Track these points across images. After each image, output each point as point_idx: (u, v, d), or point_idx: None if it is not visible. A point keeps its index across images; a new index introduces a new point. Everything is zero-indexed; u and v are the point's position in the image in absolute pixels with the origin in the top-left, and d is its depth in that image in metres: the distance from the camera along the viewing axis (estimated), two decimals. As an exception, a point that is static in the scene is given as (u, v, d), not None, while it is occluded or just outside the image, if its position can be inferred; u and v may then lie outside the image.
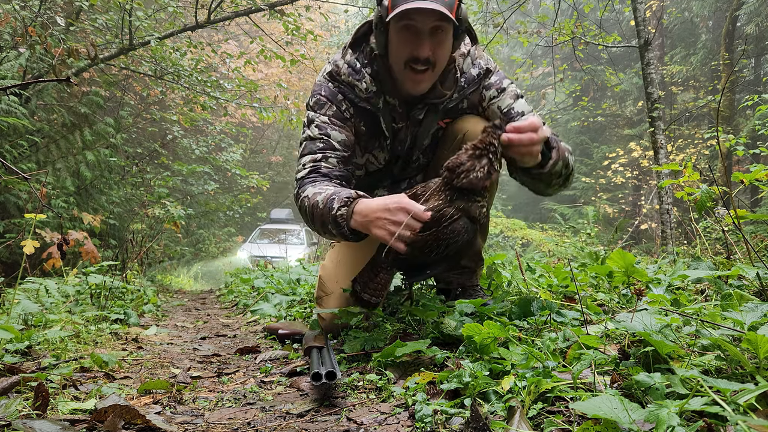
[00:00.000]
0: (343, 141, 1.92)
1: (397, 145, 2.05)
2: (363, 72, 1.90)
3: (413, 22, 1.70)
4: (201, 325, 3.20)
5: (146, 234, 7.42)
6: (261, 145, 20.88)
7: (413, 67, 1.77)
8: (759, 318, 1.15)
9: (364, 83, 1.90)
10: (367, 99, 1.93)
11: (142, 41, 6.92)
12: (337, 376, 1.29)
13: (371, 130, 2.00)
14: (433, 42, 1.74)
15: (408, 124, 2.00)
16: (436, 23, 1.70)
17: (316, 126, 1.93)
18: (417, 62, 1.76)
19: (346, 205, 1.65)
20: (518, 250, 9.28)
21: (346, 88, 1.93)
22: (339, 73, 1.93)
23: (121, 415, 1.12)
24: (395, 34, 1.77)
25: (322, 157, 1.89)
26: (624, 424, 0.82)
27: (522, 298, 1.74)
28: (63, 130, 6.99)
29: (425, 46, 1.73)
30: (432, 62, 1.77)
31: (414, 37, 1.73)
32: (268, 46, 8.38)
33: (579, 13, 7.75)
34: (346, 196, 1.66)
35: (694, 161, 13.65)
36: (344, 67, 1.92)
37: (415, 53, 1.74)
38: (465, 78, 1.95)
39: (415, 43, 1.74)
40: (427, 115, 1.98)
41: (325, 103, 1.94)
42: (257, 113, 8.99)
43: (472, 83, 1.96)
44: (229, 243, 15.30)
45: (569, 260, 3.12)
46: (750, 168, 1.98)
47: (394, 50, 1.81)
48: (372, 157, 2.09)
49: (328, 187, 1.78)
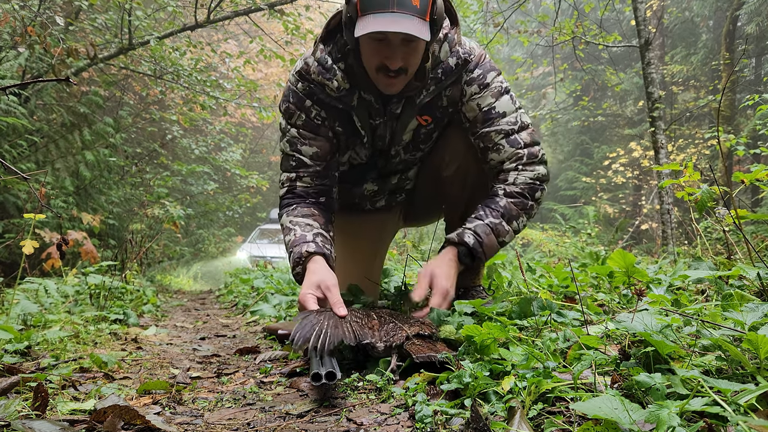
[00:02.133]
0: (315, 154, 1.93)
1: (377, 141, 1.99)
2: (334, 69, 1.80)
3: (384, 35, 1.61)
4: (200, 326, 3.19)
5: (146, 234, 7.42)
6: (261, 145, 20.87)
7: (386, 73, 1.70)
8: (760, 318, 1.15)
9: (336, 82, 1.80)
10: (339, 98, 1.85)
11: (141, 41, 6.91)
12: (336, 377, 1.29)
13: (348, 128, 1.95)
14: (406, 51, 1.66)
15: (386, 120, 1.93)
16: (407, 36, 1.60)
17: (288, 141, 1.95)
18: (389, 71, 1.68)
19: (299, 264, 1.79)
20: (518, 250, 9.28)
21: (316, 87, 1.85)
22: (308, 72, 1.84)
23: (121, 416, 1.12)
24: (365, 42, 1.68)
25: (296, 176, 1.96)
26: (624, 425, 0.82)
27: (522, 298, 1.74)
28: (62, 129, 6.98)
29: (397, 59, 1.65)
30: (405, 69, 1.69)
31: (385, 48, 1.65)
32: (268, 46, 8.38)
33: (579, 12, 7.74)
34: (297, 256, 1.78)
35: (695, 161, 13.65)
36: (314, 65, 1.83)
37: (387, 63, 1.66)
38: (442, 68, 1.82)
39: (385, 53, 1.65)
40: (404, 109, 1.89)
41: (294, 113, 1.91)
42: (257, 113, 8.99)
43: (450, 74, 1.83)
44: (229, 243, 15.30)
45: (569, 260, 3.12)
46: (751, 168, 1.97)
47: (365, 57, 1.73)
48: (354, 153, 2.05)
49: (297, 224, 1.88)
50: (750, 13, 12.30)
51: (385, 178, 2.18)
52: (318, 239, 1.82)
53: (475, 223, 1.82)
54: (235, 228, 16.56)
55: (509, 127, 1.85)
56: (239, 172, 12.49)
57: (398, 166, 2.13)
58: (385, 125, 1.94)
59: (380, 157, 2.08)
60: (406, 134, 1.97)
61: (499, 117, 1.85)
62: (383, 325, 1.57)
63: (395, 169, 2.15)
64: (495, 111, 1.85)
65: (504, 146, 1.85)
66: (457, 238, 1.82)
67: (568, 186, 17.98)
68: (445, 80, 1.84)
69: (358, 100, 1.86)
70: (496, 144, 1.86)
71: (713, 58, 13.69)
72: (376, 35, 1.61)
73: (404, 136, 1.98)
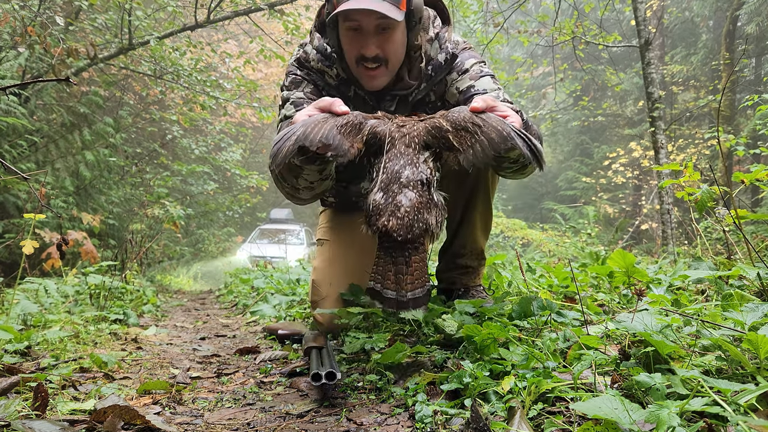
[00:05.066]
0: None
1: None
2: (333, 57, 1.82)
3: (356, 22, 1.65)
4: (200, 326, 3.19)
5: (146, 234, 7.42)
6: (260, 145, 20.87)
7: (364, 65, 1.72)
8: (759, 318, 1.15)
9: (335, 69, 1.82)
10: (336, 87, 1.85)
11: (141, 41, 6.92)
12: (336, 377, 1.29)
13: None
14: (380, 39, 1.68)
15: None
16: (379, 21, 1.64)
17: (292, 103, 1.84)
18: (366, 60, 1.70)
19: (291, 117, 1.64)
20: (518, 250, 9.28)
21: (316, 75, 1.85)
22: (308, 60, 1.85)
23: (121, 416, 1.12)
24: (343, 34, 1.72)
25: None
26: (624, 425, 0.82)
27: (522, 298, 1.74)
28: (62, 129, 6.98)
29: (370, 45, 1.67)
30: (383, 59, 1.71)
31: (360, 36, 1.68)
32: (268, 46, 8.39)
33: (579, 12, 7.75)
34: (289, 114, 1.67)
35: (695, 161, 13.65)
36: (312, 53, 1.84)
37: (363, 52, 1.69)
38: (432, 65, 1.83)
39: (361, 42, 1.68)
40: (398, 107, 1.88)
41: (302, 82, 1.86)
42: (257, 113, 8.99)
43: (440, 70, 1.84)
44: (229, 243, 15.30)
45: (569, 260, 3.12)
46: (750, 168, 1.97)
47: (346, 53, 1.76)
48: None
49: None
50: (750, 13, 12.30)
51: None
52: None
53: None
54: (235, 228, 16.56)
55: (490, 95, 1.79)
56: (239, 172, 12.48)
57: None
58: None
59: None
60: None
61: (479, 94, 1.77)
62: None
63: None
64: (474, 89, 1.80)
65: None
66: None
67: (568, 186, 17.99)
68: (435, 76, 1.84)
69: (354, 93, 1.87)
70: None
71: (713, 58, 13.70)
72: (350, 24, 1.65)
73: None
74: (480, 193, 1.97)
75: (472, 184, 1.99)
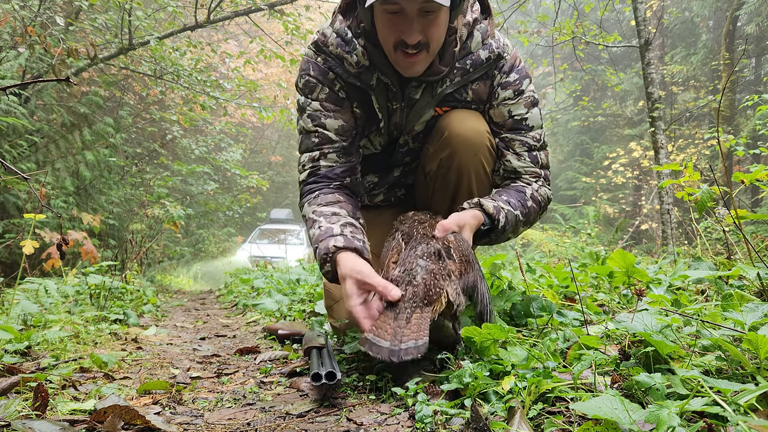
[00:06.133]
0: (341, 128, 1.75)
1: (392, 128, 1.85)
2: (354, 43, 1.68)
3: (397, 5, 1.50)
4: (200, 326, 3.19)
5: (146, 234, 7.42)
6: (261, 145, 20.88)
7: (404, 50, 1.57)
8: (759, 318, 1.15)
9: (355, 56, 1.68)
10: (357, 75, 1.71)
11: (141, 41, 6.92)
12: (336, 377, 1.29)
13: (365, 110, 1.79)
14: (423, 24, 1.53)
15: (403, 106, 1.78)
16: (423, 4, 1.49)
17: (309, 116, 1.76)
18: (407, 46, 1.56)
19: (327, 261, 1.56)
20: (518, 250, 9.28)
21: (334, 61, 1.71)
22: (326, 44, 1.71)
23: (121, 416, 1.12)
24: (380, 16, 1.57)
25: (320, 154, 1.76)
26: (624, 425, 0.82)
27: (522, 298, 1.74)
28: (62, 130, 6.99)
29: (414, 31, 1.52)
30: (425, 43, 1.56)
31: (401, 21, 1.53)
32: (268, 46, 8.39)
33: (579, 12, 7.75)
34: (324, 252, 1.56)
35: (695, 161, 13.66)
36: (332, 36, 1.70)
37: (404, 38, 1.54)
38: (471, 60, 1.71)
39: (402, 27, 1.53)
40: (423, 94, 1.76)
41: (316, 86, 1.75)
42: (257, 113, 8.99)
43: (479, 68, 1.72)
44: (229, 243, 15.31)
45: (570, 260, 3.12)
46: (750, 168, 1.97)
47: (381, 32, 1.60)
48: (368, 141, 1.89)
49: (322, 214, 1.67)
50: (750, 13, 12.30)
51: (387, 170, 2.05)
52: (347, 230, 1.62)
53: (507, 209, 1.71)
54: (235, 228, 16.57)
55: (534, 142, 1.81)
56: (239, 172, 12.49)
57: (405, 157, 1.99)
58: (402, 112, 1.81)
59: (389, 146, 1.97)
60: (419, 125, 1.84)
61: (527, 130, 1.80)
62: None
63: (400, 160, 2.01)
64: (525, 123, 1.79)
65: (524, 156, 1.81)
66: (493, 209, 1.67)
67: (568, 186, 17.99)
68: (473, 73, 1.73)
69: (377, 81, 1.73)
70: (517, 153, 1.82)
71: (713, 58, 13.70)
72: (390, 7, 1.51)
73: (416, 127, 1.84)
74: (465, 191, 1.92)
75: (455, 183, 1.90)
